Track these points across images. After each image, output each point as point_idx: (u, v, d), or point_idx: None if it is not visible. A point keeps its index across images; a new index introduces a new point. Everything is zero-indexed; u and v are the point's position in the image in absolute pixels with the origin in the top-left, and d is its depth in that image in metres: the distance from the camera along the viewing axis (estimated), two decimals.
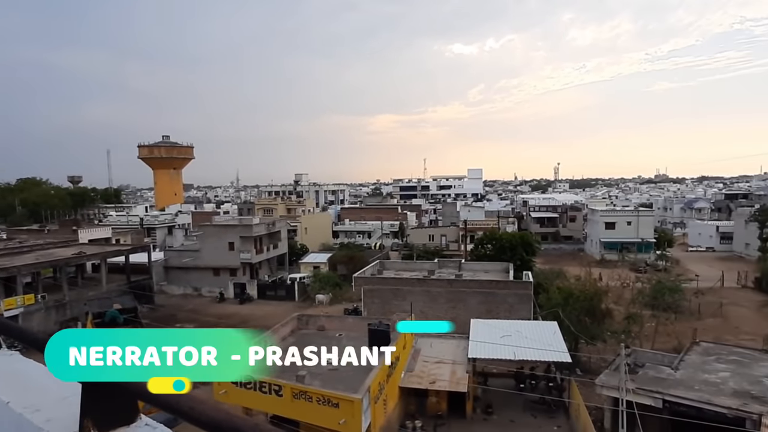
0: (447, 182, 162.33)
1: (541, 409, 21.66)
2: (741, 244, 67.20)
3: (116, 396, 1.66)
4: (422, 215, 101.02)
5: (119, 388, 1.62)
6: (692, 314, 36.79)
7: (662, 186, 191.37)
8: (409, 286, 32.21)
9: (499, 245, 44.98)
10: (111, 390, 1.65)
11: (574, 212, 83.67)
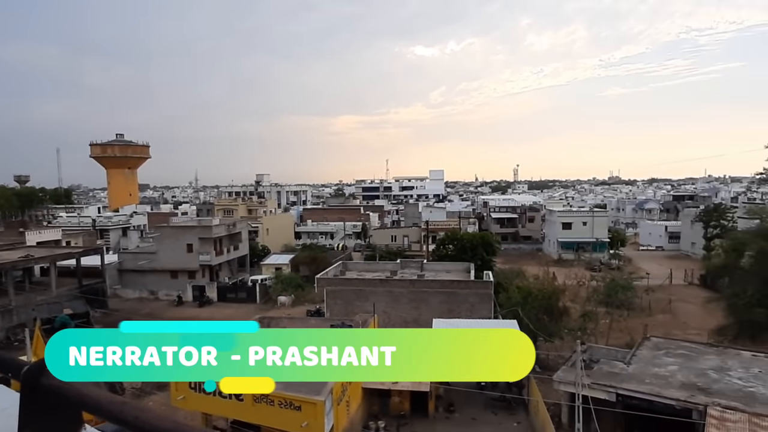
0: (409, 183, 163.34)
1: (501, 407, 22.06)
2: (688, 243, 70.46)
3: (58, 407, 1.56)
4: (385, 216, 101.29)
5: (60, 399, 1.53)
6: (643, 311, 38.29)
7: (615, 187, 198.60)
8: (372, 287, 32.19)
9: (460, 245, 45.57)
10: (52, 400, 1.56)
11: (533, 213, 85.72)
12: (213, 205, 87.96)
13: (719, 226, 59.70)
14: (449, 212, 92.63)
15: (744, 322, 24.60)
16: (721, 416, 15.44)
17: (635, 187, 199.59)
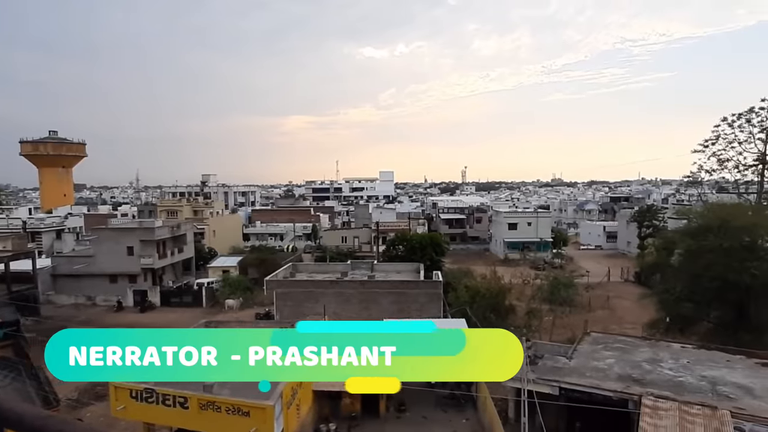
0: (359, 184, 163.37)
1: (451, 404, 22.44)
2: (624, 243, 74.28)
3: None
4: (335, 217, 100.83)
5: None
6: (584, 307, 40.01)
7: (558, 189, 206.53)
8: (322, 288, 32.00)
9: (410, 246, 46.05)
10: None
11: (480, 214, 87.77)
12: (156, 206, 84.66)
13: (651, 226, 63.26)
14: (399, 213, 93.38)
15: (674, 316, 26.16)
16: (653, 405, 16.37)
17: (576, 188, 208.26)
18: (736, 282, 22.77)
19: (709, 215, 26.84)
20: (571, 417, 19.58)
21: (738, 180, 37.98)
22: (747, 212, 27.82)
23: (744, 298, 23.44)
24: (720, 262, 23.28)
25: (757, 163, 36.78)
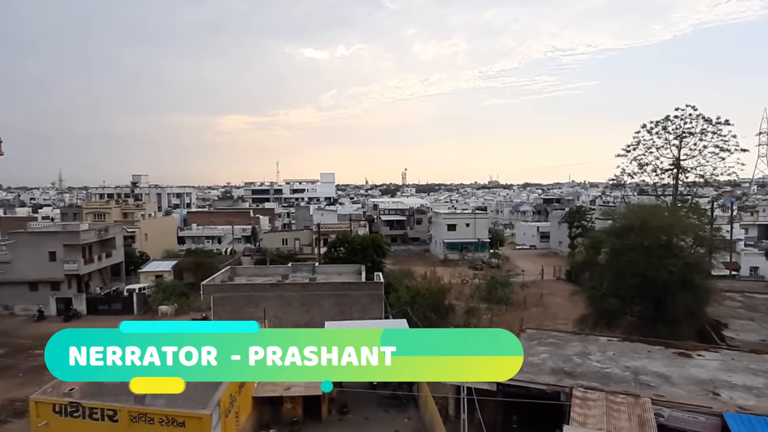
0: (300, 186, 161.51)
1: (393, 404, 22.63)
2: (556, 242, 77.85)
3: None
4: (275, 219, 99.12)
5: None
6: (520, 305, 41.56)
7: (494, 191, 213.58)
8: (262, 292, 31.42)
9: (351, 248, 46.03)
10: None
11: (421, 215, 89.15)
12: (81, 208, 79.81)
13: (581, 226, 66.66)
14: (340, 215, 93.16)
15: (601, 311, 27.66)
16: (583, 396, 17.29)
17: (512, 190, 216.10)
18: (654, 278, 24.41)
19: (630, 216, 28.60)
20: (509, 411, 20.30)
21: (656, 183, 40.77)
22: (664, 213, 29.90)
23: (662, 293, 25.15)
24: (640, 259, 24.88)
25: (672, 167, 39.66)
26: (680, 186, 40.08)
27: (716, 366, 20.13)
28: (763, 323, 27.58)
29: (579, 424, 15.95)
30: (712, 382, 18.37)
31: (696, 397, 17.26)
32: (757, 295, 33.94)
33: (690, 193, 40.82)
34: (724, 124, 38.22)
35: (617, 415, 16.27)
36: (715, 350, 22.20)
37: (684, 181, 40.06)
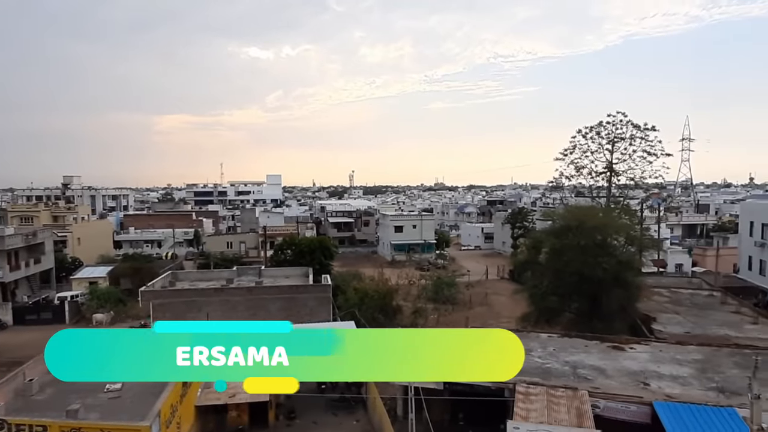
0: (245, 188, 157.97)
1: (341, 407, 22.55)
2: (500, 243, 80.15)
3: None
4: (220, 222, 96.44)
5: None
6: (465, 304, 42.47)
7: (440, 193, 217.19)
8: (206, 297, 30.55)
9: (298, 250, 45.54)
10: None
11: (368, 217, 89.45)
12: (6, 211, 74.49)
13: (523, 227, 68.99)
14: (287, 217, 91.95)
15: (542, 309, 28.76)
16: (526, 391, 17.91)
17: (457, 192, 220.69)
18: (590, 276, 25.66)
19: (568, 217, 29.93)
20: (455, 410, 20.73)
21: (592, 185, 42.90)
22: (599, 214, 31.48)
23: (597, 290, 26.46)
24: (578, 258, 26.08)
25: (605, 170, 41.85)
26: (613, 188, 42.37)
27: (646, 358, 21.40)
28: (688, 316, 29.60)
29: (522, 418, 16.51)
30: (643, 373, 19.52)
31: (628, 388, 18.28)
32: (681, 291, 36.38)
33: (622, 194, 43.24)
34: (650, 130, 40.81)
35: (557, 408, 16.96)
36: (645, 343, 23.59)
37: (616, 184, 42.39)
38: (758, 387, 10.92)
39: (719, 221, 77.89)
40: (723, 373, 19.62)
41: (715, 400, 17.22)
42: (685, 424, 15.83)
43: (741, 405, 15.60)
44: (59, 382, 19.48)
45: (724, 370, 19.99)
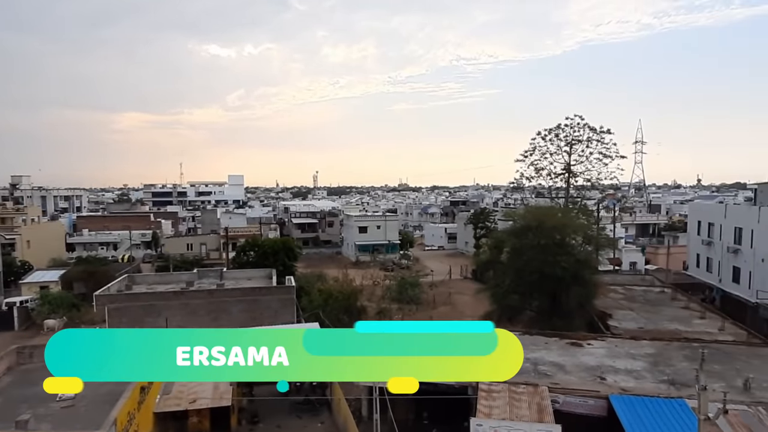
0: (206, 188, 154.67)
1: (305, 409, 22.39)
2: (463, 243, 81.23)
3: None
4: (179, 223, 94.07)
5: None
6: (429, 304, 42.85)
7: (404, 194, 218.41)
8: (165, 300, 29.75)
9: (262, 252, 44.92)
10: None
11: (332, 218, 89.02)
12: None
13: (485, 227, 70.14)
14: (250, 218, 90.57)
15: (504, 307, 29.33)
16: (488, 389, 18.23)
17: (420, 193, 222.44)
18: (550, 274, 26.36)
19: (528, 217, 30.65)
20: (420, 409, 20.90)
21: (551, 186, 44.09)
22: (557, 214, 32.38)
23: (557, 288, 27.20)
24: (538, 257, 26.74)
25: (564, 171, 43.09)
26: (571, 189, 43.67)
27: (603, 353, 22.14)
28: (641, 312, 30.79)
29: (485, 415, 16.80)
30: (600, 368, 20.19)
31: (586, 383, 18.88)
32: (635, 288, 37.84)
33: (579, 195, 44.61)
34: (606, 133, 42.30)
35: (519, 404, 17.36)
36: (601, 339, 24.42)
37: (574, 185, 43.71)
38: (705, 379, 11.47)
39: (670, 221, 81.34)
40: (673, 366, 20.52)
41: (667, 392, 17.99)
42: (639, 416, 16.48)
43: (690, 396, 16.36)
44: (7, 392, 18.57)
45: (675, 363, 20.91)
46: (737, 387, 18.49)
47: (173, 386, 20.32)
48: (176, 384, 20.50)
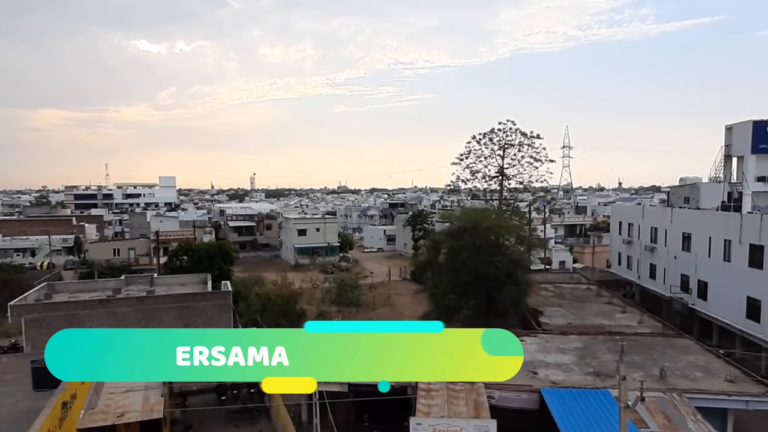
0: (135, 190, 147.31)
1: (242, 418, 21.83)
2: (401, 244, 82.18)
3: None
4: (105, 227, 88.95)
5: None
6: (369, 306, 43.05)
7: (344, 196, 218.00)
8: (89, 310, 28.06)
9: (196, 256, 43.43)
10: None
11: (270, 221, 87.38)
12: None
13: (423, 228, 71.34)
14: (183, 221, 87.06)
15: (441, 307, 29.93)
16: (427, 388, 18.58)
17: (360, 195, 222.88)
18: (485, 274, 27.24)
19: (464, 219, 31.53)
20: (360, 411, 20.95)
21: (486, 188, 45.56)
22: (492, 216, 33.53)
23: (492, 288, 28.14)
24: (473, 258, 27.56)
25: (498, 174, 44.67)
26: (504, 191, 45.32)
27: (535, 348, 23.15)
28: (569, 309, 32.48)
29: (424, 414, 17.11)
30: (532, 363, 21.09)
31: (519, 378, 19.62)
32: (564, 285, 39.86)
33: (512, 197, 46.39)
34: (536, 137, 44.28)
35: (457, 402, 17.80)
36: (534, 335, 25.53)
37: (507, 187, 45.39)
38: (625, 369, 12.26)
39: (595, 221, 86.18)
40: (598, 358, 21.80)
41: (593, 383, 19.09)
42: (567, 407, 17.38)
43: (613, 386, 17.43)
44: None
45: (600, 355, 22.22)
46: (654, 375, 19.92)
47: (99, 400, 19.19)
48: (102, 397, 19.38)
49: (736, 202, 35.04)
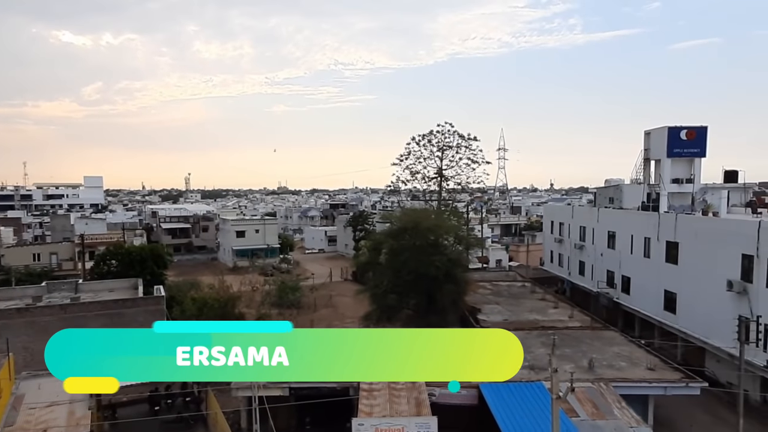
0: (57, 191, 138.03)
1: (177, 428, 21.04)
2: (343, 245, 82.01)
3: None
4: (23, 230, 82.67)
5: None
6: (310, 307, 42.64)
7: (284, 197, 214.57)
8: (6, 319, 26.11)
9: (126, 260, 41.29)
10: None
11: (207, 222, 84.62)
12: None
13: (364, 229, 71.51)
14: (111, 224, 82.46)
15: (382, 307, 30.17)
16: (369, 388, 18.66)
17: (300, 196, 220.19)
18: (425, 273, 27.69)
19: (404, 219, 31.91)
20: (302, 414, 20.72)
21: (425, 189, 46.33)
22: (431, 216, 34.12)
23: (432, 287, 28.63)
24: (414, 258, 27.95)
25: (436, 175, 45.55)
26: (443, 192, 46.28)
27: None
28: (506, 305, 33.67)
29: (366, 414, 17.17)
30: None
31: None
32: (500, 283, 41.27)
33: (451, 198, 47.44)
34: (473, 140, 45.53)
35: (398, 401, 18.00)
36: None
37: (446, 188, 46.38)
38: (556, 362, 12.89)
39: (529, 221, 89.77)
40: (533, 352, 22.73)
41: (528, 376, 19.88)
42: (504, 400, 18.02)
43: (546, 378, 18.24)
44: None
45: (534, 350, 23.18)
46: (583, 367, 21.05)
47: (18, 416, 17.86)
48: (21, 413, 18.06)
49: (655, 202, 37.62)
